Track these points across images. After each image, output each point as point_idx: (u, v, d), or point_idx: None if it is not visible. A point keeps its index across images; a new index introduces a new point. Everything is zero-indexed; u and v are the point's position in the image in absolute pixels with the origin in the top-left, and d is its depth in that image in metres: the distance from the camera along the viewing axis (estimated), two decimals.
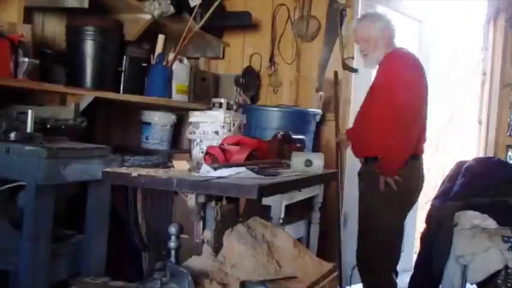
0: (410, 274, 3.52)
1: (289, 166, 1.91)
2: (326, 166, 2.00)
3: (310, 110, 3.57)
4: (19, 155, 1.79)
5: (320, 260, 1.85)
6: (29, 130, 1.94)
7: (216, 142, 1.98)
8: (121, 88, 2.88)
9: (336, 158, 3.66)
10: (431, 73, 4.70)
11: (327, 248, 3.64)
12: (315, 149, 3.63)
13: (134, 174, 1.62)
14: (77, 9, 2.52)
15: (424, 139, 2.93)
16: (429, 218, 3.41)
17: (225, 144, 1.90)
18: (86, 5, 2.47)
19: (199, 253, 1.69)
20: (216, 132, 2.01)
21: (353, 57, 3.76)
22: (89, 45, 2.65)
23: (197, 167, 1.74)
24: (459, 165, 3.63)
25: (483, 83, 4.21)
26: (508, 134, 3.93)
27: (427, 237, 3.37)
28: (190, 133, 2.07)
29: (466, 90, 7.42)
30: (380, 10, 3.94)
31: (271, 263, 1.72)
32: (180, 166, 1.75)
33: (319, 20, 3.80)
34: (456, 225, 3.08)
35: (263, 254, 1.73)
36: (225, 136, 1.98)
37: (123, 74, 2.89)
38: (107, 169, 1.75)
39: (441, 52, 7.15)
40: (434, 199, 3.56)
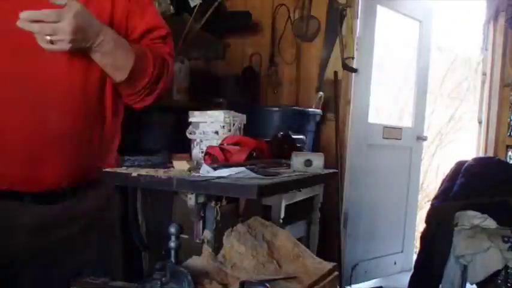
0: (410, 274, 3.53)
1: (289, 166, 1.90)
2: (326, 166, 1.99)
3: (310, 110, 3.57)
4: None
5: (320, 260, 1.84)
6: None
7: (216, 142, 1.97)
8: None
9: (336, 158, 3.67)
10: (431, 73, 4.72)
11: (327, 248, 3.64)
12: (315, 149, 3.63)
13: (134, 174, 1.62)
14: None
15: None
16: (429, 218, 3.41)
17: (225, 144, 1.90)
18: None
19: (199, 253, 1.69)
20: (216, 132, 2.01)
21: (353, 57, 3.76)
22: None
23: (197, 167, 1.74)
24: (459, 165, 3.63)
25: (483, 83, 4.22)
26: (508, 134, 3.93)
27: (427, 237, 3.37)
28: (190, 133, 2.07)
29: (466, 90, 7.44)
30: (380, 10, 3.95)
31: (271, 263, 1.72)
32: (180, 166, 1.74)
33: (319, 20, 3.81)
34: (456, 225, 3.08)
35: (263, 254, 1.73)
36: (225, 136, 1.98)
37: None
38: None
39: (441, 52, 7.16)
40: (434, 199, 3.57)
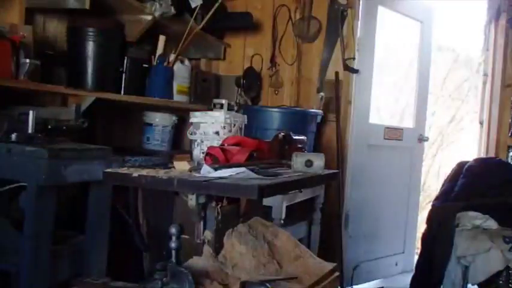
0: (411, 275, 3.52)
1: (289, 166, 1.90)
2: (327, 166, 1.99)
3: (311, 111, 3.57)
4: (20, 156, 1.79)
5: (321, 261, 1.85)
6: (30, 131, 1.95)
7: (217, 143, 1.98)
8: (122, 89, 2.88)
9: (337, 159, 3.66)
10: (432, 74, 4.72)
11: (328, 249, 3.64)
12: (316, 150, 3.63)
13: (135, 174, 1.62)
14: (78, 10, 2.52)
15: None
16: (430, 219, 3.41)
17: (226, 144, 1.90)
18: (87, 6, 2.47)
19: (200, 253, 1.69)
20: (217, 132, 2.02)
21: (354, 57, 3.76)
22: (90, 46, 2.66)
23: (198, 168, 1.74)
24: (460, 165, 3.63)
25: (484, 84, 4.21)
26: (509, 135, 3.93)
27: (428, 237, 3.37)
28: (191, 134, 2.07)
29: (467, 91, 7.43)
30: (381, 11, 3.95)
31: (272, 263, 1.72)
32: (181, 166, 1.75)
33: (320, 21, 3.80)
34: (457, 225, 3.08)
35: (264, 255, 1.73)
36: (226, 137, 1.98)
37: (124, 75, 2.89)
38: (108, 170, 1.75)
39: (442, 53, 7.16)
40: (435, 200, 3.56)
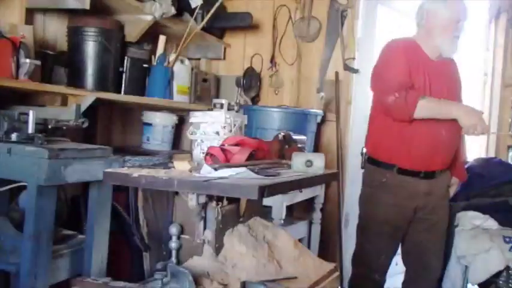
0: None
1: (289, 166, 1.91)
2: (327, 166, 2.00)
3: (311, 111, 3.57)
4: (20, 156, 1.79)
5: (321, 261, 1.85)
6: (30, 131, 1.94)
7: (217, 142, 1.98)
8: (122, 89, 2.89)
9: (337, 159, 3.66)
10: None
11: (328, 249, 3.64)
12: (316, 150, 3.63)
13: (135, 174, 1.62)
14: (78, 10, 2.53)
15: None
16: None
17: (226, 144, 1.90)
18: (87, 6, 2.48)
19: (200, 253, 1.69)
20: (217, 132, 2.02)
21: (354, 57, 3.76)
22: (90, 46, 2.66)
23: (198, 168, 1.74)
24: None
25: (484, 84, 4.21)
26: (510, 135, 3.93)
27: None
28: (191, 133, 2.07)
29: (468, 90, 7.41)
30: (381, 10, 3.95)
31: (272, 264, 1.72)
32: (181, 166, 1.75)
33: (320, 21, 3.81)
34: (457, 225, 3.08)
35: (264, 255, 1.73)
36: (226, 137, 1.98)
37: (124, 75, 2.90)
38: (108, 170, 1.75)
39: None
40: None
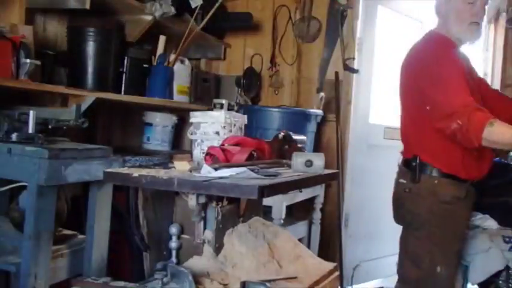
0: None
1: (289, 166, 1.91)
2: (327, 166, 2.00)
3: (311, 111, 3.58)
4: (20, 156, 1.79)
5: (321, 260, 1.85)
6: (31, 131, 1.95)
7: (217, 142, 1.98)
8: (122, 89, 2.89)
9: (337, 159, 3.67)
10: None
11: (328, 249, 3.64)
12: (316, 150, 3.63)
13: (135, 174, 1.63)
14: (78, 10, 2.53)
15: None
16: None
17: (226, 144, 1.91)
18: (87, 6, 2.48)
19: (200, 253, 1.69)
20: (217, 132, 2.02)
21: (354, 57, 3.76)
22: (90, 46, 2.66)
23: (198, 168, 1.75)
24: None
25: None
26: None
27: None
28: (191, 133, 2.07)
29: None
30: (381, 11, 3.95)
31: (272, 263, 1.72)
32: (181, 166, 1.75)
33: (320, 21, 3.81)
34: None
35: (264, 254, 1.74)
36: (226, 137, 1.98)
37: (124, 75, 2.90)
38: (108, 169, 1.75)
39: None
40: None
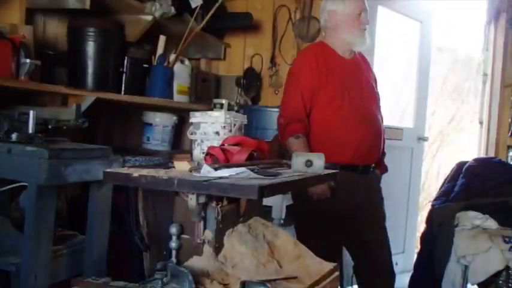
0: (410, 274, 3.53)
1: (289, 166, 1.91)
2: (326, 166, 2.00)
3: None
4: (20, 156, 1.79)
5: (321, 260, 1.85)
6: (31, 131, 1.95)
7: (217, 142, 1.98)
8: (122, 89, 2.89)
9: None
10: (432, 74, 4.72)
11: None
12: None
13: (135, 174, 1.62)
14: (78, 10, 2.53)
15: None
16: (430, 219, 3.41)
17: (226, 144, 1.91)
18: (87, 6, 2.48)
19: (200, 253, 1.69)
20: (217, 132, 2.02)
21: None
22: (90, 46, 2.66)
23: (198, 168, 1.74)
24: (460, 165, 3.63)
25: (484, 84, 4.22)
26: (509, 135, 3.93)
27: (427, 237, 3.37)
28: (191, 134, 2.07)
29: (467, 91, 7.44)
30: (381, 11, 3.95)
31: (272, 263, 1.72)
32: (181, 166, 1.75)
33: (320, 21, 3.80)
34: (457, 225, 3.08)
35: (264, 254, 1.73)
36: (226, 137, 1.98)
37: (124, 75, 2.89)
38: (108, 169, 1.75)
39: (442, 53, 7.16)
40: (434, 200, 3.56)
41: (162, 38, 3.16)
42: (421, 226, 3.96)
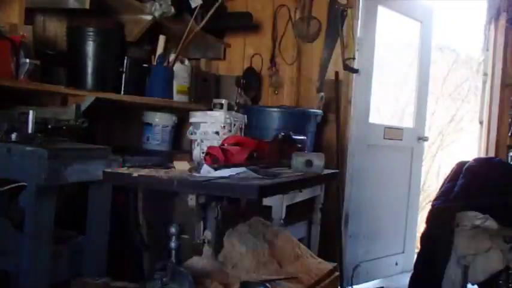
0: (410, 274, 3.52)
1: (289, 166, 1.91)
2: (327, 166, 2.00)
3: (310, 111, 3.57)
4: (20, 156, 1.79)
5: (321, 260, 1.85)
6: (30, 131, 1.95)
7: (217, 142, 1.98)
8: (122, 89, 2.88)
9: (337, 159, 3.67)
10: (432, 74, 4.72)
11: (328, 249, 3.64)
12: (316, 150, 3.63)
13: (135, 174, 1.62)
14: (78, 10, 2.52)
15: None
16: (430, 219, 3.41)
17: (226, 144, 1.91)
18: (87, 6, 2.47)
19: (199, 253, 1.69)
20: (217, 132, 2.02)
21: (354, 57, 3.76)
22: (90, 46, 2.66)
23: (198, 168, 1.74)
24: (460, 165, 3.63)
25: (484, 84, 4.22)
26: (509, 135, 3.93)
27: (428, 237, 3.37)
28: (191, 133, 2.07)
29: (467, 90, 7.43)
30: (381, 10, 3.95)
31: (272, 263, 1.72)
32: (181, 166, 1.75)
33: (319, 21, 3.80)
34: (457, 225, 3.08)
35: (264, 254, 1.73)
36: (226, 137, 1.98)
37: (124, 75, 2.89)
38: (108, 169, 1.75)
39: (442, 53, 7.16)
40: (434, 200, 3.56)
41: (162, 38, 3.16)
42: (421, 226, 3.96)
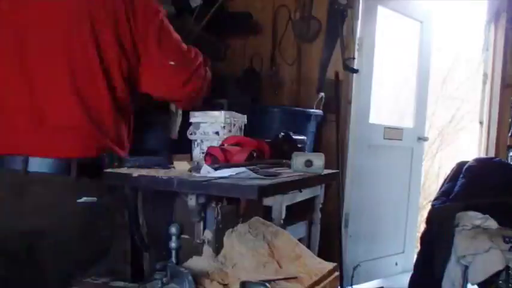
0: (410, 274, 3.53)
1: (289, 166, 1.91)
2: (327, 166, 1.99)
3: (311, 111, 3.58)
4: None
5: (321, 260, 1.85)
6: None
7: (217, 143, 1.98)
8: None
9: (337, 159, 3.67)
10: (432, 74, 4.72)
11: (328, 249, 3.64)
12: (316, 150, 3.63)
13: (135, 174, 1.63)
14: None
15: None
16: (430, 219, 3.41)
17: (226, 144, 1.91)
18: None
19: (199, 253, 1.69)
20: (217, 132, 2.02)
21: (354, 57, 3.76)
22: None
23: (198, 168, 1.74)
24: (460, 165, 3.63)
25: (484, 84, 4.22)
26: (509, 135, 3.93)
27: (427, 237, 3.37)
28: (190, 134, 2.07)
29: (467, 91, 7.44)
30: (381, 11, 3.95)
31: (272, 263, 1.72)
32: (181, 167, 1.75)
33: (319, 21, 3.81)
34: (457, 225, 3.08)
35: (264, 254, 1.73)
36: (226, 137, 1.98)
37: None
38: (108, 170, 1.75)
39: (442, 53, 7.17)
40: (434, 200, 3.57)
41: None
42: (421, 226, 3.96)
